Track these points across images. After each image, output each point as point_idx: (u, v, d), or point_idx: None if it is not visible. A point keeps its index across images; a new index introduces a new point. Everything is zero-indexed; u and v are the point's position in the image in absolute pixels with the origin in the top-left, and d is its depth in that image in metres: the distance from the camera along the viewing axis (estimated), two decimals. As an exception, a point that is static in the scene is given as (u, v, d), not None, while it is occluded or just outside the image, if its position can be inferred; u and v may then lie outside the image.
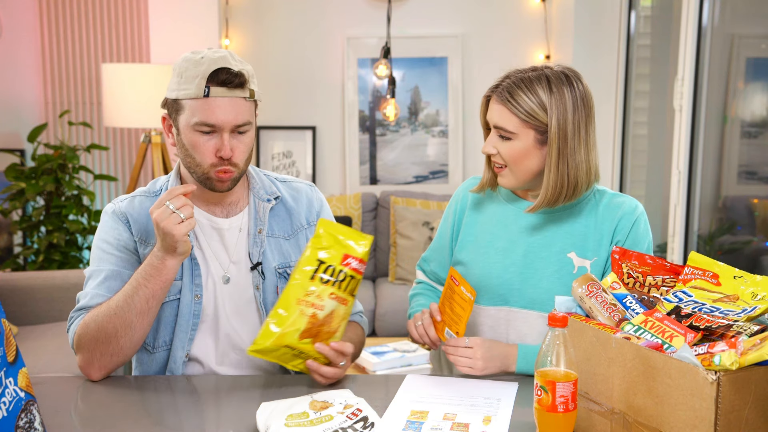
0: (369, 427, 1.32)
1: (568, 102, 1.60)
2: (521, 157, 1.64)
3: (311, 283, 1.53)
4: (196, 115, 1.58)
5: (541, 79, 1.62)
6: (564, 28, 4.31)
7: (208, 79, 1.57)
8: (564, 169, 1.62)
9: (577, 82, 1.63)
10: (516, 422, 1.40)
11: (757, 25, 3.33)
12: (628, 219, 1.68)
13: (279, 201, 1.77)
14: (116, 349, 1.58)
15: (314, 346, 1.53)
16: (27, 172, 3.94)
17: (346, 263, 1.55)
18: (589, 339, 1.30)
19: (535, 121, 1.61)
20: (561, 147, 1.61)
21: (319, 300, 1.52)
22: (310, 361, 1.55)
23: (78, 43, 4.56)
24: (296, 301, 1.52)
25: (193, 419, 1.49)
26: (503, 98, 1.63)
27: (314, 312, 1.52)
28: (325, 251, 1.55)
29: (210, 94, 1.58)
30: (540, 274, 1.68)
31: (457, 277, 1.61)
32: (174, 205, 1.52)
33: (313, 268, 1.53)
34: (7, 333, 1.15)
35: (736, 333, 1.18)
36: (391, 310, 3.92)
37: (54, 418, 1.41)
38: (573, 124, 1.61)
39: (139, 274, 1.58)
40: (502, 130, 1.64)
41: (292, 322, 1.51)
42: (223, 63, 1.58)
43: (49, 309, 3.41)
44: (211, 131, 1.60)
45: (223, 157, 1.60)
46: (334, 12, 4.60)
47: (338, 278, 1.54)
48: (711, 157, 3.35)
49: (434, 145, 4.69)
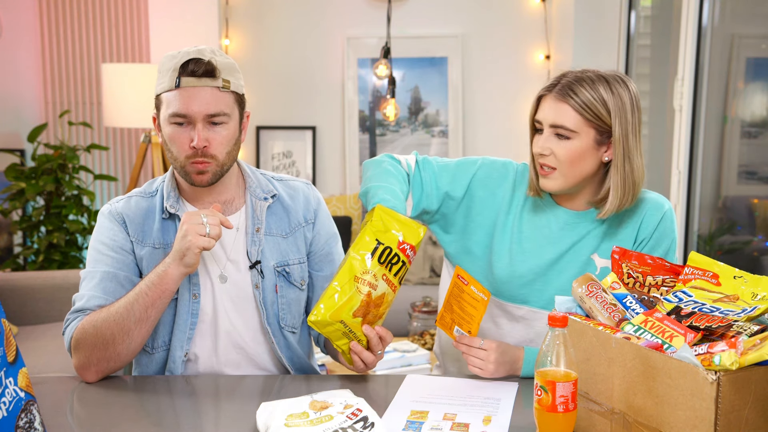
0: (369, 427, 1.32)
1: (626, 103, 1.59)
2: (578, 158, 1.60)
3: (370, 262, 1.52)
4: (170, 106, 1.61)
5: (600, 79, 1.59)
6: (564, 28, 4.31)
7: (179, 71, 1.60)
8: (629, 170, 1.60)
9: (631, 85, 1.62)
10: (516, 422, 1.40)
11: (757, 25, 3.33)
12: (653, 216, 1.66)
13: (276, 199, 1.76)
14: (113, 354, 1.58)
15: (362, 327, 1.53)
16: (27, 172, 3.94)
17: (402, 248, 1.54)
18: (589, 339, 1.30)
19: (597, 120, 1.58)
20: (625, 148, 1.58)
21: (374, 280, 1.51)
22: (354, 343, 1.54)
23: (78, 43, 4.55)
24: (353, 278, 1.50)
25: (193, 419, 1.48)
26: (564, 94, 1.58)
27: (369, 291, 1.51)
28: (384, 234, 1.53)
29: (181, 85, 1.60)
30: (563, 277, 1.67)
31: (465, 277, 1.59)
32: (207, 218, 1.54)
33: (372, 248, 1.52)
34: (7, 333, 1.15)
35: (736, 333, 1.18)
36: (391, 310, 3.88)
37: (54, 418, 1.41)
38: (632, 126, 1.59)
39: (143, 282, 1.58)
40: (561, 128, 1.59)
41: (349, 298, 1.50)
42: (196, 54, 1.61)
43: (49, 309, 3.41)
44: (185, 122, 1.61)
45: (196, 147, 1.60)
46: (334, 12, 4.59)
47: (392, 261, 1.53)
48: (711, 157, 3.35)
49: (434, 145, 4.69)
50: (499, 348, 1.60)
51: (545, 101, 1.62)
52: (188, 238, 1.53)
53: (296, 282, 1.74)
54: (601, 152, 1.61)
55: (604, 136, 1.60)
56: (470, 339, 1.59)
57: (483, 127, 4.66)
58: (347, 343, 1.55)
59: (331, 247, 1.81)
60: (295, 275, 1.74)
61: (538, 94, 1.64)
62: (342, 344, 1.56)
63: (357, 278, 1.50)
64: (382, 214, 1.55)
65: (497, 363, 1.59)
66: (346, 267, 1.51)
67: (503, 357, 1.59)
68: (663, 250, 1.65)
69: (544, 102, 1.63)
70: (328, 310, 1.49)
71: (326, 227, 1.81)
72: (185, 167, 1.64)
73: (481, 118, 4.66)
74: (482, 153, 4.68)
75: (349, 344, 1.55)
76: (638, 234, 1.66)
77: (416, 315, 3.37)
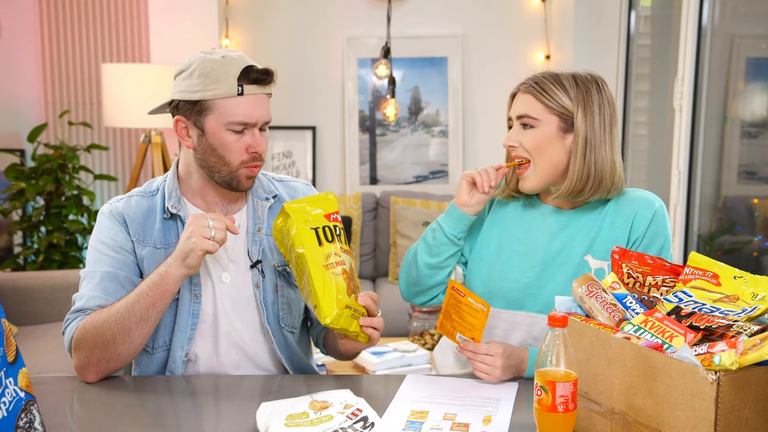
0: (369, 427, 1.32)
1: (594, 98, 1.64)
2: (544, 144, 1.65)
3: (323, 247, 1.53)
4: (230, 114, 1.60)
5: (568, 75, 1.67)
6: (564, 28, 4.31)
7: (239, 78, 1.58)
8: (591, 159, 1.63)
9: (603, 85, 1.68)
10: (516, 422, 1.40)
11: (757, 25, 3.33)
12: (644, 215, 1.66)
13: (277, 200, 1.77)
14: (113, 355, 1.58)
15: (357, 300, 1.54)
16: (27, 172, 3.94)
17: (332, 218, 1.57)
18: (589, 339, 1.30)
19: (560, 108, 1.64)
20: (588, 136, 1.63)
21: (338, 257, 1.53)
22: (362, 317, 1.55)
23: (78, 43, 4.56)
24: (323, 269, 1.51)
25: (194, 419, 1.48)
26: (530, 88, 1.66)
27: (342, 268, 1.53)
28: (310, 219, 1.55)
29: (244, 93, 1.60)
30: (557, 279, 1.67)
31: (461, 289, 1.60)
32: (213, 222, 1.54)
33: (314, 235, 1.53)
34: (7, 333, 1.15)
35: (736, 333, 1.18)
36: (392, 310, 3.92)
37: (54, 418, 1.41)
38: (599, 119, 1.64)
39: (144, 282, 1.58)
40: (526, 117, 1.66)
41: (336, 284, 1.51)
42: (248, 61, 1.62)
43: (49, 309, 3.41)
44: (242, 129, 1.61)
45: (258, 152, 1.63)
46: (334, 12, 4.60)
47: (336, 233, 1.56)
48: (711, 157, 3.35)
49: (434, 145, 4.69)
50: (505, 353, 1.59)
51: (517, 96, 1.71)
52: (192, 239, 1.53)
53: (296, 282, 1.74)
54: (568, 140, 1.66)
55: (569, 123, 1.65)
56: (475, 345, 1.58)
57: (483, 127, 4.66)
58: (357, 324, 1.56)
59: (330, 246, 1.81)
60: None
61: (512, 92, 1.72)
62: (354, 328, 1.56)
63: (326, 266, 1.51)
64: (292, 206, 1.55)
65: (503, 368, 1.58)
66: (310, 265, 1.51)
67: (509, 361, 1.59)
68: (657, 248, 1.65)
69: (516, 97, 1.71)
70: (331, 305, 1.50)
71: (325, 227, 1.81)
72: (236, 172, 1.64)
73: (481, 118, 4.66)
74: (482, 153, 4.70)
75: (358, 324, 1.56)
76: (630, 233, 1.66)
77: (416, 315, 3.37)
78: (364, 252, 4.42)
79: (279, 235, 1.58)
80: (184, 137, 1.66)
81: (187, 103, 1.62)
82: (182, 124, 1.65)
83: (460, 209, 1.70)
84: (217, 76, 1.58)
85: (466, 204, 1.70)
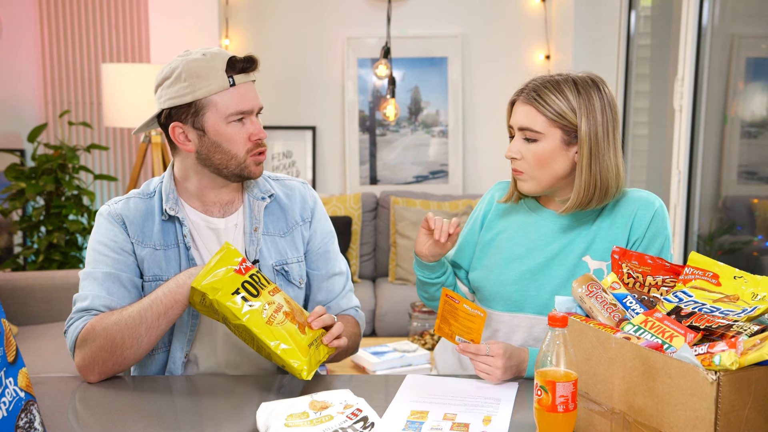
0: (369, 427, 1.32)
1: (596, 104, 1.61)
2: (546, 159, 1.62)
3: (255, 305, 1.52)
4: (227, 106, 1.61)
5: (567, 81, 1.62)
6: (564, 28, 4.31)
7: (227, 70, 1.61)
8: (596, 169, 1.61)
9: (603, 87, 1.64)
10: (516, 422, 1.40)
11: (757, 25, 3.33)
12: (644, 215, 1.66)
13: (273, 199, 1.77)
14: (119, 358, 1.58)
15: (312, 326, 1.55)
16: (27, 172, 3.94)
17: (243, 268, 1.55)
18: (589, 339, 1.30)
19: (563, 120, 1.60)
20: (593, 147, 1.60)
21: (272, 305, 1.53)
22: (324, 337, 1.57)
23: (78, 43, 4.56)
24: (268, 327, 1.51)
25: (193, 419, 1.48)
26: (530, 98, 1.62)
27: (283, 312, 1.53)
28: (226, 284, 1.52)
29: (236, 83, 1.62)
30: (556, 281, 1.67)
31: (455, 297, 1.60)
32: None
33: (240, 296, 1.51)
34: (7, 333, 1.15)
35: (736, 333, 1.18)
36: (391, 310, 3.92)
37: (54, 418, 1.41)
38: (602, 126, 1.61)
39: (160, 289, 1.58)
40: (528, 130, 1.62)
41: (288, 332, 1.51)
42: (229, 53, 1.64)
43: (49, 309, 3.41)
44: (242, 119, 1.63)
45: (261, 137, 1.65)
46: (334, 12, 4.60)
47: (255, 281, 1.54)
48: (711, 157, 3.35)
49: (434, 145, 4.69)
50: (506, 353, 1.59)
51: (517, 105, 1.66)
52: None
53: (295, 281, 1.74)
54: (572, 152, 1.63)
55: (572, 135, 1.62)
56: (477, 347, 1.58)
57: (483, 127, 4.66)
58: (324, 347, 1.57)
59: (327, 245, 1.81)
60: (294, 274, 1.74)
61: (510, 99, 1.69)
62: (325, 353, 1.58)
63: (268, 322, 1.51)
64: (199, 287, 1.51)
65: (504, 368, 1.58)
66: (255, 331, 1.50)
67: (510, 362, 1.59)
68: (657, 248, 1.65)
69: (516, 106, 1.67)
70: (297, 358, 1.50)
71: (323, 226, 1.82)
72: (244, 162, 1.65)
73: (481, 118, 4.66)
74: (482, 153, 4.71)
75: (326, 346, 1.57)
76: (630, 234, 1.66)
77: (416, 315, 3.38)
78: (364, 252, 4.42)
79: (203, 308, 1.56)
80: (183, 143, 1.65)
81: (181, 108, 1.62)
82: (180, 129, 1.64)
83: (418, 257, 1.74)
84: (206, 74, 1.59)
85: (421, 254, 1.73)
